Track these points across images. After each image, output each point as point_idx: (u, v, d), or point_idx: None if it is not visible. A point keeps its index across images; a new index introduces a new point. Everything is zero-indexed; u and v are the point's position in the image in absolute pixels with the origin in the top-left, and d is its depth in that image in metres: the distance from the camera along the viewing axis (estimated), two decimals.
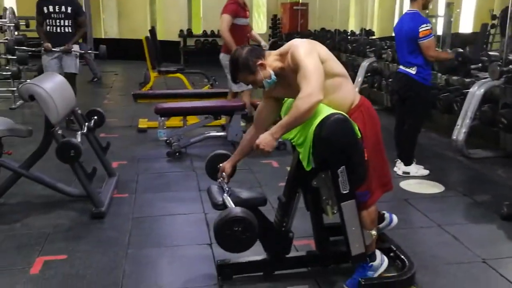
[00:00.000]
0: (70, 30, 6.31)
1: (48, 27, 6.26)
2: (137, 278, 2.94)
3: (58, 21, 6.23)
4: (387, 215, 3.17)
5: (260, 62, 2.65)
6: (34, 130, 4.13)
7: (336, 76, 2.63)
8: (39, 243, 3.37)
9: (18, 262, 3.13)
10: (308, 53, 2.53)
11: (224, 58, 5.90)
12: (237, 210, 2.50)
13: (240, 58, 2.66)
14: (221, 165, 2.94)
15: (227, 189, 2.77)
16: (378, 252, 2.87)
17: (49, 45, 6.20)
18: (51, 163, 4.13)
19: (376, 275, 2.83)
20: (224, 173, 2.89)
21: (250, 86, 3.00)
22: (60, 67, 6.31)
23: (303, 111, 2.42)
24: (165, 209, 4.00)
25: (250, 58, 2.64)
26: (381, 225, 3.11)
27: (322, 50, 2.63)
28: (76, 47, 6.47)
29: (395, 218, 3.21)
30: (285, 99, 2.84)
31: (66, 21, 6.26)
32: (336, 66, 2.67)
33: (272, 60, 2.68)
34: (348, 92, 2.69)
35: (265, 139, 2.53)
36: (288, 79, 2.64)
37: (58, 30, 6.25)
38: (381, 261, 2.86)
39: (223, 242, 2.53)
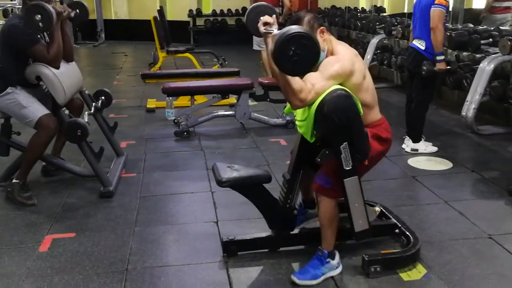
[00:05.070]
0: None
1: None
2: (144, 255, 2.98)
3: None
4: None
5: (322, 28, 2.60)
6: None
7: (364, 107, 2.58)
8: (48, 221, 3.42)
9: (28, 240, 3.18)
10: (336, 74, 2.49)
11: None
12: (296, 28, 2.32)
13: (305, 17, 2.60)
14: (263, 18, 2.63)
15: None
16: (337, 255, 2.74)
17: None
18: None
19: (323, 276, 2.67)
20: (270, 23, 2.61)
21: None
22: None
23: (288, 89, 2.41)
24: (172, 188, 4.03)
25: (315, 21, 2.59)
26: None
27: (360, 79, 2.58)
28: None
29: None
30: None
31: None
32: (370, 99, 2.64)
33: (322, 39, 2.59)
34: (369, 118, 2.66)
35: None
36: None
37: None
38: (337, 265, 2.74)
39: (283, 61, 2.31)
